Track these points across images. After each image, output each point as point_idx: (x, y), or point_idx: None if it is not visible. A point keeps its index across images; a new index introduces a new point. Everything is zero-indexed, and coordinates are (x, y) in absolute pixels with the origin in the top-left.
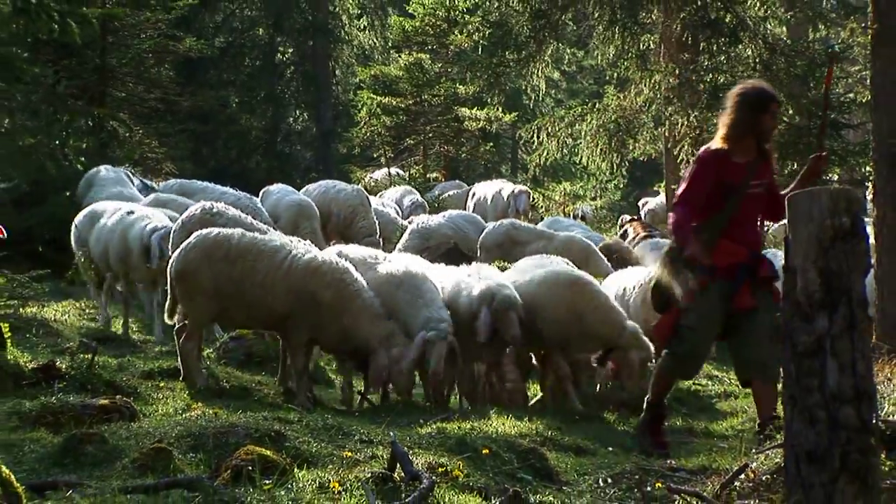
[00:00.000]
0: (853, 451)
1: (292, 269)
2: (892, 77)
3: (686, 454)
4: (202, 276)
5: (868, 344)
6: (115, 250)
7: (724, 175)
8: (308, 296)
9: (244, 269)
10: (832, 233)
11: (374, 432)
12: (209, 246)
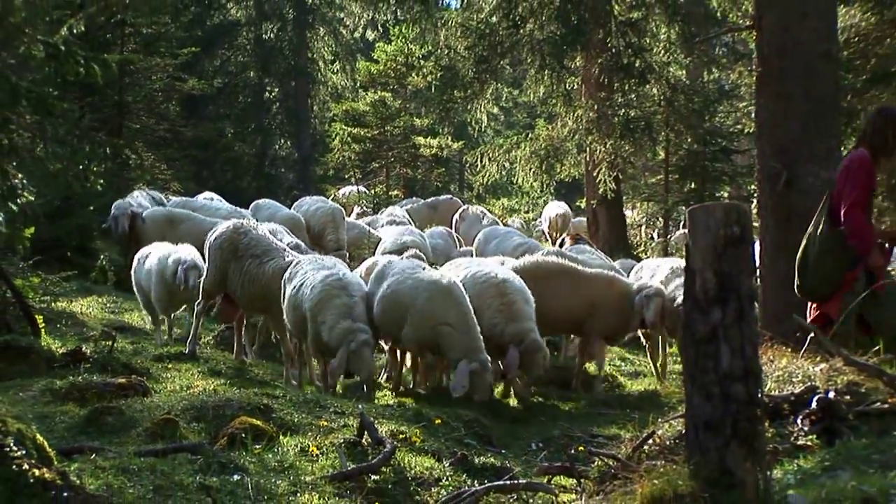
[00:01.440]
0: (742, 421)
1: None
2: (772, 111)
3: (604, 423)
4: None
5: (754, 331)
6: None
7: (874, 181)
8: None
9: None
10: (725, 240)
11: (346, 405)
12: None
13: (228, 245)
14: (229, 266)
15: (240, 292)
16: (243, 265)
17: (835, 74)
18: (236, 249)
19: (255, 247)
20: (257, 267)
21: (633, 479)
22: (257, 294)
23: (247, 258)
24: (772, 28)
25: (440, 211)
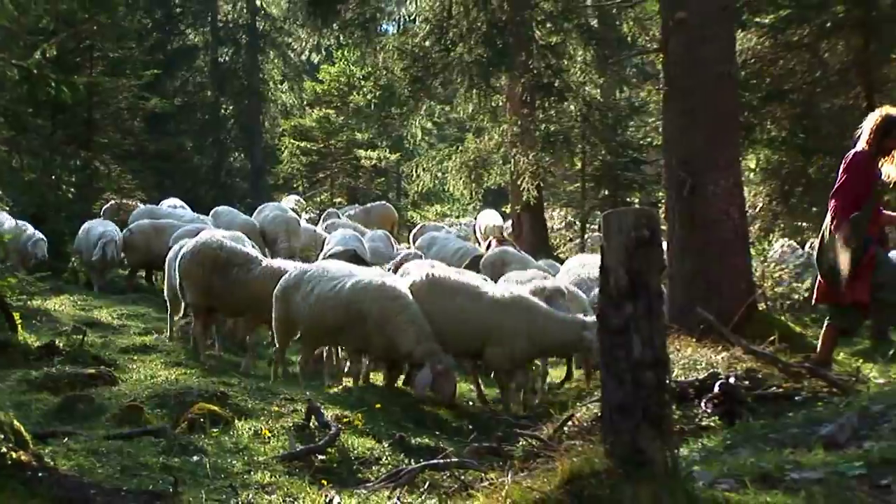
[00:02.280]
0: (652, 405)
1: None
2: (677, 125)
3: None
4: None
5: (662, 324)
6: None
7: (870, 175)
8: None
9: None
10: (636, 242)
11: (295, 392)
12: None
13: (206, 260)
14: (212, 279)
15: (227, 300)
16: (229, 275)
17: (734, 92)
18: (216, 262)
19: (236, 256)
20: (245, 274)
21: (555, 458)
22: (246, 299)
23: (231, 268)
24: (677, 51)
25: (373, 216)
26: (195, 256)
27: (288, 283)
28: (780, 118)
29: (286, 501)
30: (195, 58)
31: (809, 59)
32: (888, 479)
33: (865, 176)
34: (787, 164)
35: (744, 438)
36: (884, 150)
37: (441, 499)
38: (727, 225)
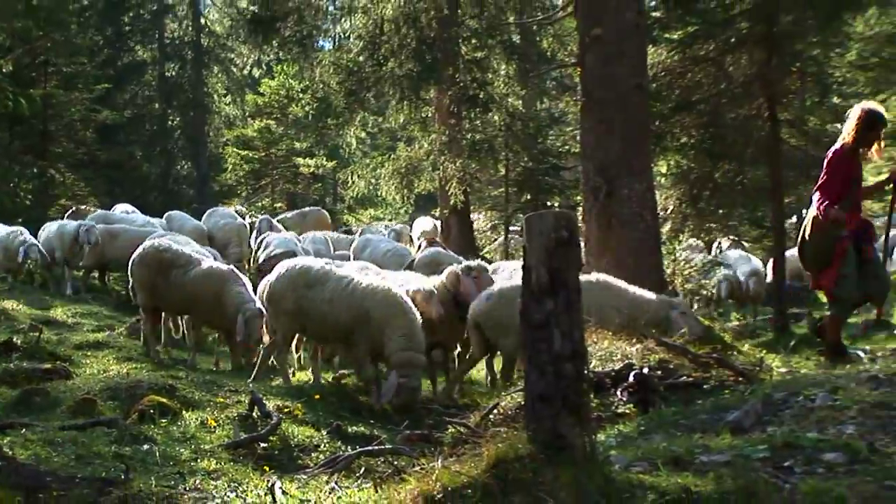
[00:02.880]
0: (571, 394)
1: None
2: (594, 134)
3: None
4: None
5: (581, 318)
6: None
7: (850, 169)
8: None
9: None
10: (555, 242)
11: (239, 385)
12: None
13: (152, 261)
14: (156, 280)
15: (168, 299)
16: (169, 276)
17: (646, 103)
18: (160, 264)
19: (179, 258)
20: (182, 276)
21: (481, 444)
22: (184, 298)
23: (172, 269)
24: (593, 65)
25: (309, 220)
26: (143, 259)
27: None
28: (689, 127)
29: (231, 487)
30: (144, 72)
31: (715, 72)
32: (790, 462)
33: (845, 171)
34: (696, 170)
35: (656, 424)
36: (867, 142)
37: (376, 483)
38: (640, 226)
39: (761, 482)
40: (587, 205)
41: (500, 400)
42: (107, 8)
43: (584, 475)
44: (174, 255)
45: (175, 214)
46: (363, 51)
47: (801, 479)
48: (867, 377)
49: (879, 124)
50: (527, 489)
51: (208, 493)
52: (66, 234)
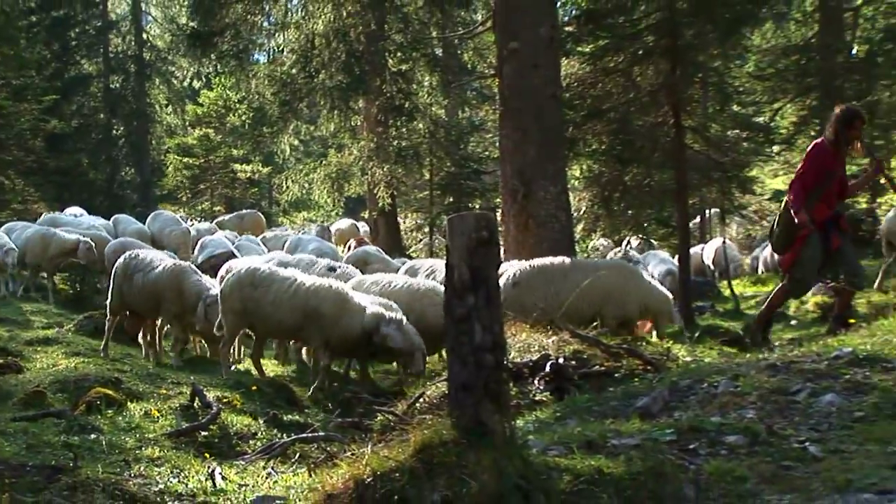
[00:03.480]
0: (492, 383)
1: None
2: (512, 140)
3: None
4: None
5: (500, 313)
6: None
7: (827, 163)
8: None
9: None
10: (476, 242)
11: (181, 377)
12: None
13: (122, 269)
14: (123, 285)
15: (136, 301)
16: (133, 281)
17: (559, 112)
18: (126, 269)
19: (140, 262)
20: (144, 277)
21: (408, 431)
22: (149, 297)
23: (136, 273)
24: (510, 76)
25: (246, 221)
26: (118, 266)
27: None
28: (600, 133)
29: (173, 473)
30: (89, 84)
31: (624, 83)
32: (695, 444)
33: (821, 165)
34: (606, 173)
35: (571, 411)
36: (848, 139)
37: (310, 468)
38: (556, 226)
39: (668, 463)
40: (506, 206)
41: (426, 389)
42: (54, 24)
43: (504, 459)
44: (138, 260)
45: (121, 217)
46: (296, 64)
47: (706, 461)
48: (766, 365)
49: (857, 121)
50: (450, 472)
51: (152, 479)
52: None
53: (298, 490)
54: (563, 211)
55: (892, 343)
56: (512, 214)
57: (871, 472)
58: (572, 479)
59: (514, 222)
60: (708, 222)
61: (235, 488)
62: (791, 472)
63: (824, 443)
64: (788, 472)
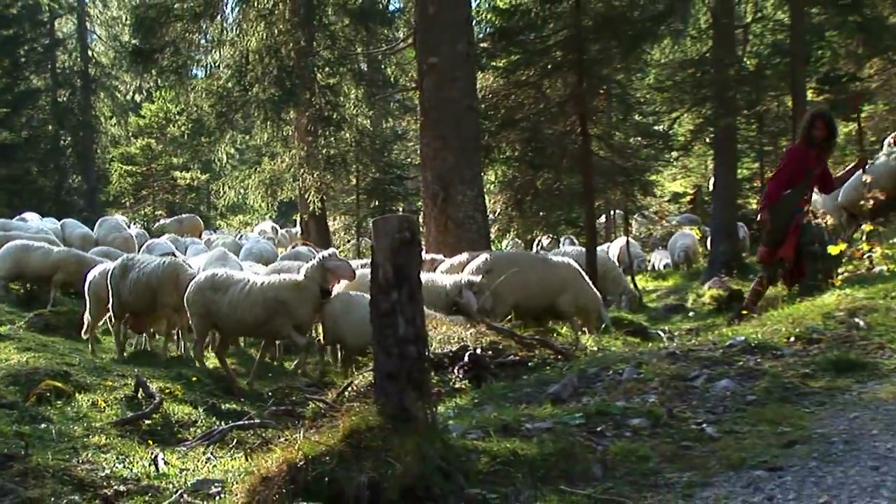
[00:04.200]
0: (414, 372)
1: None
2: (432, 148)
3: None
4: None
5: (422, 307)
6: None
7: (804, 163)
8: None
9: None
10: (399, 242)
11: (126, 370)
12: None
13: (119, 272)
14: (120, 285)
15: (132, 299)
16: (128, 279)
17: (476, 121)
18: (124, 270)
19: (136, 262)
20: (140, 273)
21: (338, 417)
22: (144, 292)
23: (132, 272)
24: (430, 89)
25: (185, 224)
26: (115, 271)
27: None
28: (513, 141)
29: (119, 459)
30: (38, 98)
31: (535, 94)
32: (602, 427)
33: (796, 164)
34: (519, 178)
35: (488, 397)
36: (813, 139)
37: (246, 453)
38: (473, 227)
39: (578, 445)
40: (427, 209)
41: (354, 379)
42: (4, 42)
43: (426, 442)
44: (136, 262)
45: (68, 222)
46: (231, 78)
47: (612, 442)
48: (666, 353)
49: (818, 121)
50: (377, 455)
51: (99, 465)
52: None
53: (236, 474)
54: (480, 213)
55: (781, 332)
56: (433, 216)
57: (762, 450)
58: (489, 461)
59: (435, 224)
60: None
61: (177, 473)
62: (690, 451)
63: (720, 424)
64: (687, 451)
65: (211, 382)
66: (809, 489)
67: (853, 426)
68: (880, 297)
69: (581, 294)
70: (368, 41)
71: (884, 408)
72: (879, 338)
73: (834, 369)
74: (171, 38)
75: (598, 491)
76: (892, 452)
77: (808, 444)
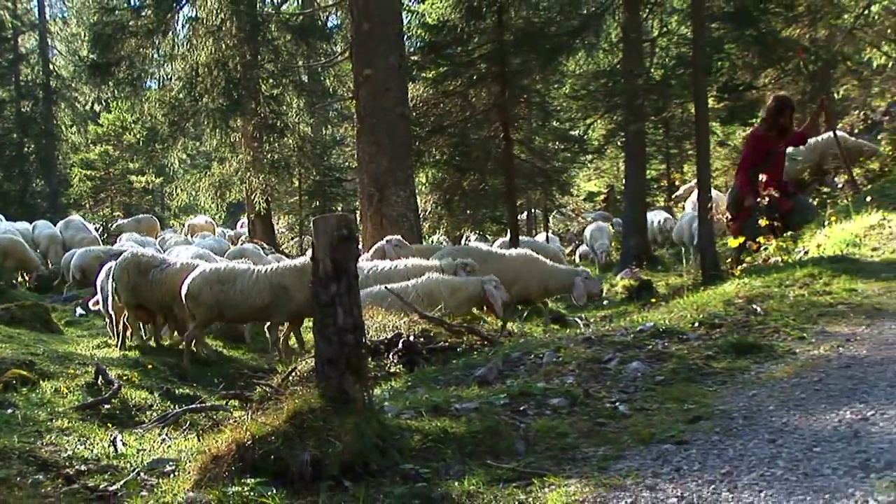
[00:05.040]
0: (353, 358)
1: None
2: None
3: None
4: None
5: (359, 299)
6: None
7: (765, 146)
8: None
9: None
10: (338, 239)
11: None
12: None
13: (133, 267)
14: (138, 281)
15: (150, 297)
16: (149, 276)
17: (408, 128)
18: (139, 266)
19: (153, 259)
20: (161, 273)
21: (282, 400)
22: (165, 294)
23: (150, 270)
24: (365, 98)
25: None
26: (125, 265)
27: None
28: (442, 146)
29: (80, 441)
30: (3, 109)
31: (461, 103)
32: (524, 406)
33: (759, 148)
34: (448, 179)
35: (420, 381)
36: (779, 126)
37: (198, 434)
38: (406, 224)
39: (502, 423)
40: (363, 208)
41: (297, 365)
42: None
43: (364, 422)
44: (149, 259)
45: (39, 223)
46: (182, 89)
47: (533, 420)
48: (583, 339)
49: (787, 110)
50: (318, 435)
51: (62, 446)
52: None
53: (189, 453)
54: (412, 211)
55: (686, 318)
56: (369, 215)
57: (670, 426)
58: (422, 438)
59: (371, 222)
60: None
61: (134, 453)
62: (604, 427)
63: (631, 403)
64: (602, 427)
65: (166, 370)
66: (713, 461)
67: (752, 403)
68: (775, 285)
69: (541, 278)
70: (309, 55)
71: (779, 386)
72: (775, 322)
73: (734, 351)
74: (126, 53)
75: (521, 465)
76: (787, 426)
77: (711, 420)
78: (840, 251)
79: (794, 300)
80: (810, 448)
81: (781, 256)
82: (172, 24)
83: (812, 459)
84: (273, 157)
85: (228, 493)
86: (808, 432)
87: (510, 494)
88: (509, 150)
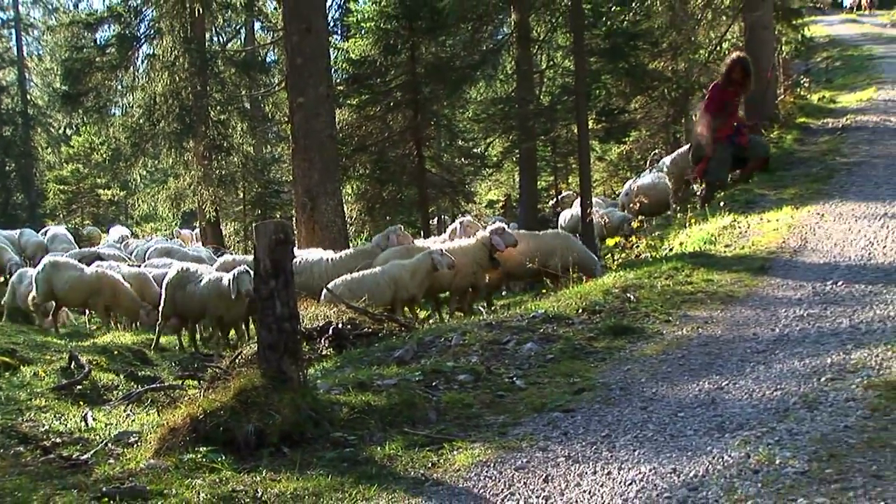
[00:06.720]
0: (290, 343)
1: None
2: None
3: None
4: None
5: (294, 293)
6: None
7: (723, 97)
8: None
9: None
10: (276, 242)
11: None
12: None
13: (177, 281)
14: (176, 294)
15: (186, 307)
16: (185, 290)
17: (335, 147)
18: (181, 280)
19: (191, 275)
20: (195, 286)
21: (230, 380)
22: (199, 303)
23: (186, 285)
24: (299, 122)
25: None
26: (171, 281)
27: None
28: (364, 162)
29: (56, 417)
30: None
31: (381, 126)
32: (436, 382)
33: (719, 98)
34: (370, 191)
35: (348, 361)
36: (734, 81)
37: (158, 410)
38: (335, 229)
39: (417, 396)
40: (298, 216)
41: (242, 349)
42: None
43: (299, 398)
44: (190, 274)
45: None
46: (142, 115)
47: (444, 393)
48: (485, 324)
49: (736, 68)
50: (261, 409)
51: (39, 422)
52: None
53: (150, 426)
54: (340, 218)
55: (572, 306)
56: (303, 222)
57: (559, 397)
58: (349, 411)
59: (305, 227)
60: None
61: (103, 426)
62: (503, 399)
63: (526, 378)
64: (502, 399)
65: (131, 355)
66: (595, 425)
67: (627, 376)
68: (646, 277)
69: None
70: (251, 86)
71: (649, 362)
72: (645, 308)
73: (612, 333)
74: (93, 85)
75: (434, 431)
76: (656, 396)
77: (593, 391)
78: (699, 248)
79: (661, 289)
80: (675, 413)
81: (651, 253)
82: (133, 60)
83: (677, 423)
84: (221, 173)
85: (184, 460)
86: (674, 400)
87: (424, 457)
88: (422, 165)
